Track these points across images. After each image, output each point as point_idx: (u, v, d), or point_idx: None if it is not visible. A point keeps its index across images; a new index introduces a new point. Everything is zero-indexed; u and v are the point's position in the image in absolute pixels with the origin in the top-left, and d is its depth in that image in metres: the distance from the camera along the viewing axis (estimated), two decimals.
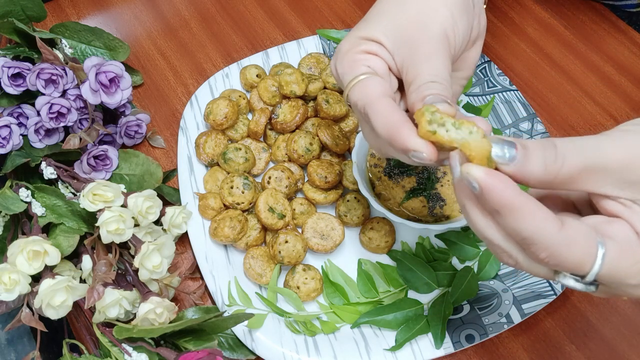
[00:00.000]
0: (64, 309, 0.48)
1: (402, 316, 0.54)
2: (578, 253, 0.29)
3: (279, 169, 0.60)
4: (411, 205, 0.59)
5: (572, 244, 0.29)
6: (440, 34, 0.38)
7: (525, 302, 0.55)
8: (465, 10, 0.40)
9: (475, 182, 0.29)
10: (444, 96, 0.35)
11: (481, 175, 0.29)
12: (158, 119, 0.68)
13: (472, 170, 0.29)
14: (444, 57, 0.37)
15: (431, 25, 0.38)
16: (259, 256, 0.57)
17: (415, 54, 0.37)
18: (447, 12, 0.38)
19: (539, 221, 0.29)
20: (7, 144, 0.55)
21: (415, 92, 0.36)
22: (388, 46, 0.39)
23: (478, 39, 0.43)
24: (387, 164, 0.61)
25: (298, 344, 0.53)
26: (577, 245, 0.29)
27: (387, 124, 0.35)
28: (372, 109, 0.36)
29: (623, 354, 0.55)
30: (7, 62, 0.54)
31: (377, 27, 0.39)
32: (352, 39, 0.40)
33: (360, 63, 0.38)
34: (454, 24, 0.39)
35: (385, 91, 0.37)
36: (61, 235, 0.52)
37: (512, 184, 0.29)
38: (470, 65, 0.44)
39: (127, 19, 0.76)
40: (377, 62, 0.39)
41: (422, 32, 0.38)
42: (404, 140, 0.33)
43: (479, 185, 0.29)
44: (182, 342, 0.50)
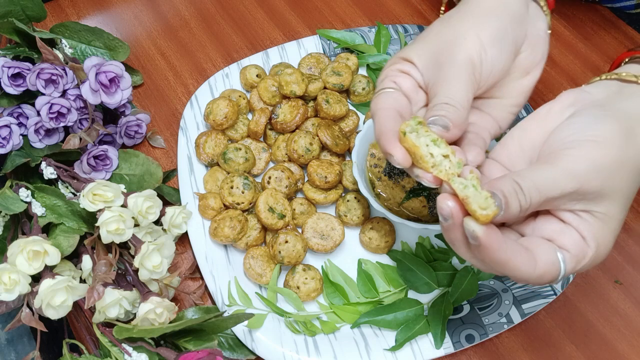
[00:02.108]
0: (64, 309, 0.48)
1: (402, 316, 0.54)
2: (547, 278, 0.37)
3: (279, 169, 0.60)
4: (411, 205, 0.59)
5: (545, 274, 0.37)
6: (464, 60, 0.41)
7: (525, 302, 0.55)
8: (500, 40, 0.42)
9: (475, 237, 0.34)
10: (448, 119, 0.39)
11: (482, 234, 0.34)
12: (158, 119, 0.68)
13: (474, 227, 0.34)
14: (463, 82, 0.41)
15: (457, 51, 0.41)
16: (259, 256, 0.57)
17: (439, 75, 0.41)
18: (475, 40, 0.42)
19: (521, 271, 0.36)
20: (7, 144, 0.55)
21: (429, 110, 0.40)
22: (419, 66, 0.43)
23: (534, 69, 0.45)
24: (387, 164, 0.61)
25: (298, 344, 0.53)
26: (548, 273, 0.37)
27: (379, 129, 0.40)
28: (375, 116, 0.41)
29: (623, 354, 0.55)
30: (7, 62, 0.54)
31: (414, 50, 0.44)
32: (394, 57, 0.45)
33: (389, 79, 0.44)
34: (482, 52, 0.41)
35: (392, 105, 0.41)
36: (61, 235, 0.52)
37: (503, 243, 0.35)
38: (521, 94, 0.46)
39: (127, 19, 0.76)
40: (405, 80, 0.43)
41: (448, 56, 0.41)
42: (385, 143, 0.39)
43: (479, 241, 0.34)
44: (182, 342, 0.50)
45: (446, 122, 0.39)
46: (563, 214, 0.39)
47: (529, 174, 0.37)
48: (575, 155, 0.37)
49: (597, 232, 0.38)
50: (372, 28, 0.71)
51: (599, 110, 0.40)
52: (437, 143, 0.37)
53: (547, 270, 0.37)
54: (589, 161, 0.37)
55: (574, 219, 0.38)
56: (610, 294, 0.58)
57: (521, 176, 0.36)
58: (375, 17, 0.76)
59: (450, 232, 0.37)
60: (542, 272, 0.37)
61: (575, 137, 0.38)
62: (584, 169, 0.37)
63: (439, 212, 0.36)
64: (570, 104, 0.42)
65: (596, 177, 0.37)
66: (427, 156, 0.37)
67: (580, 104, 0.41)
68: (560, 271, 0.37)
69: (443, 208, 0.36)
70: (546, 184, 0.36)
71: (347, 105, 0.65)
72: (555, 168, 0.37)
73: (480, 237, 0.34)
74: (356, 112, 0.66)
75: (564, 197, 0.37)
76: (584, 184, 0.37)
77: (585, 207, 0.38)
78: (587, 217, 0.38)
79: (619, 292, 0.58)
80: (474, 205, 0.35)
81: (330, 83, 0.65)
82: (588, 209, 0.38)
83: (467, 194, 0.35)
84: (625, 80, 0.42)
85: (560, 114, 0.42)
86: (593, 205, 0.38)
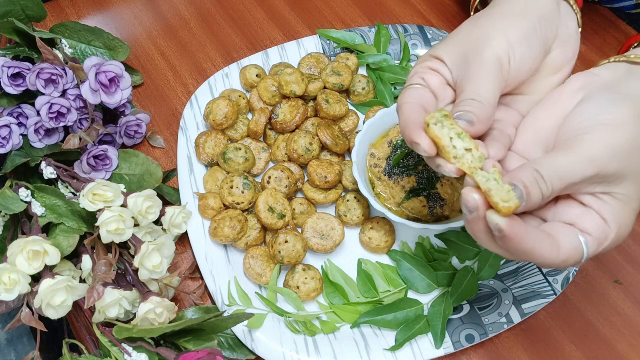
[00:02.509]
0: (64, 309, 0.48)
1: (402, 316, 0.54)
2: (571, 262, 0.38)
3: (279, 169, 0.60)
4: (411, 205, 0.59)
5: (569, 259, 0.38)
6: (492, 59, 0.42)
7: (525, 302, 0.55)
8: (528, 40, 0.43)
9: (499, 229, 0.35)
10: (474, 114, 0.40)
11: (506, 227, 0.35)
12: (158, 119, 0.68)
13: (497, 220, 0.35)
14: (490, 79, 0.41)
15: (485, 50, 0.42)
16: (259, 256, 0.57)
17: (467, 73, 0.42)
18: (503, 39, 0.42)
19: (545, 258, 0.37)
20: (7, 144, 0.55)
21: (456, 106, 0.41)
22: (449, 64, 0.44)
23: (565, 67, 0.46)
24: (387, 164, 0.61)
25: (298, 344, 0.53)
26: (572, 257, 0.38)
27: (404, 121, 0.42)
28: (400, 110, 0.43)
29: (623, 354, 0.55)
30: (7, 62, 0.54)
31: (444, 48, 0.45)
32: (425, 55, 0.46)
33: (418, 76, 0.45)
34: (510, 50, 0.42)
35: (417, 100, 0.43)
36: (61, 235, 0.52)
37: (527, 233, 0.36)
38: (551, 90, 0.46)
39: (127, 19, 0.76)
40: (433, 77, 0.45)
41: (476, 55, 0.42)
42: (410, 133, 0.40)
43: (503, 233, 0.35)
44: (182, 342, 0.50)
45: (471, 118, 0.39)
46: (584, 198, 0.39)
47: (548, 162, 0.37)
48: (593, 140, 0.38)
49: (618, 214, 0.39)
50: (372, 28, 0.71)
51: (610, 93, 0.41)
52: (462, 137, 0.38)
53: (570, 255, 0.38)
54: (606, 145, 0.38)
55: (594, 202, 0.39)
56: (610, 294, 0.58)
57: (541, 165, 0.37)
58: (375, 17, 0.76)
59: (475, 225, 0.37)
60: (566, 257, 0.37)
61: (590, 122, 0.39)
62: (602, 153, 0.37)
63: (464, 204, 0.37)
64: (580, 88, 0.43)
65: (614, 160, 0.37)
66: (449, 147, 0.38)
67: (590, 88, 0.42)
68: (584, 254, 0.38)
69: (469, 201, 0.36)
70: (567, 170, 0.37)
71: (347, 105, 0.65)
72: (574, 154, 0.38)
73: (504, 229, 0.35)
74: (356, 112, 0.66)
75: (585, 182, 0.38)
76: (603, 168, 0.37)
77: (605, 190, 0.38)
78: (607, 199, 0.39)
79: (619, 292, 0.58)
80: (497, 198, 0.35)
81: (330, 83, 0.65)
82: (608, 191, 0.38)
83: (490, 187, 0.36)
84: (633, 62, 0.43)
85: (571, 99, 0.42)
86: (613, 187, 0.38)
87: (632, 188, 0.39)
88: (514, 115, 0.45)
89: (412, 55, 0.70)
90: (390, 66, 0.68)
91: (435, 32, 0.71)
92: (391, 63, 0.69)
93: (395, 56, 0.70)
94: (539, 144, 0.43)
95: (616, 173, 0.38)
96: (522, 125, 0.44)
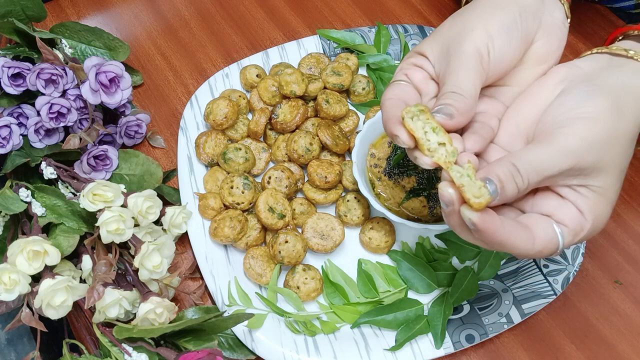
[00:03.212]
0: (64, 309, 0.48)
1: (402, 316, 0.54)
2: (546, 252, 0.39)
3: (279, 169, 0.60)
4: (411, 205, 0.59)
5: (544, 249, 0.39)
6: (471, 51, 0.42)
7: (525, 302, 0.55)
8: (508, 31, 0.43)
9: (472, 223, 0.36)
10: (453, 107, 0.40)
11: (478, 220, 0.36)
12: (158, 119, 0.68)
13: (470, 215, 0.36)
14: (470, 71, 0.42)
15: (464, 42, 0.43)
16: (259, 256, 0.57)
17: (447, 66, 0.43)
18: (482, 31, 0.43)
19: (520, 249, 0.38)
20: (7, 144, 0.55)
21: (437, 99, 0.42)
22: (432, 59, 0.45)
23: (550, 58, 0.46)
24: (387, 164, 0.61)
25: (298, 344, 0.53)
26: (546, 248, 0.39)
27: (385, 116, 0.42)
28: (383, 105, 0.43)
29: (623, 354, 0.55)
30: (7, 62, 0.54)
31: (427, 44, 0.46)
32: (410, 52, 0.47)
33: (402, 72, 0.46)
34: (489, 42, 0.43)
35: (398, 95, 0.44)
36: (61, 235, 0.52)
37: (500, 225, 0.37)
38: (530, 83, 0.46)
39: (127, 19, 0.76)
40: (416, 72, 0.46)
41: (456, 47, 0.43)
42: (390, 126, 0.41)
43: (476, 226, 0.36)
44: (182, 342, 0.50)
45: (451, 111, 0.40)
46: (561, 190, 0.40)
47: (525, 155, 0.38)
48: (569, 133, 0.39)
49: (594, 205, 0.39)
50: (372, 28, 0.71)
51: (589, 85, 0.41)
52: (436, 131, 0.39)
53: (545, 246, 0.39)
54: (582, 138, 0.38)
55: (571, 194, 0.40)
56: (610, 294, 0.58)
57: (518, 158, 0.38)
58: (375, 17, 0.76)
59: (451, 218, 0.39)
60: (541, 248, 0.38)
61: (567, 116, 0.40)
62: (579, 146, 0.38)
63: (440, 198, 0.38)
64: (561, 80, 0.43)
65: (591, 152, 0.38)
66: (423, 140, 0.39)
67: (570, 79, 0.43)
68: (559, 245, 0.39)
69: (444, 195, 0.37)
70: (543, 163, 0.38)
71: (347, 105, 0.65)
72: (550, 147, 0.39)
73: (476, 223, 0.36)
74: (356, 112, 0.66)
75: (561, 174, 0.38)
76: (580, 161, 0.38)
77: (582, 182, 0.39)
78: (584, 191, 0.39)
79: (619, 292, 0.58)
80: (469, 194, 0.36)
81: (330, 83, 0.65)
82: (585, 183, 0.39)
83: (463, 183, 0.37)
84: (615, 53, 0.43)
85: (552, 90, 0.43)
86: (589, 180, 0.39)
87: (608, 180, 0.39)
88: (497, 107, 0.45)
89: None
90: (390, 66, 0.68)
91: None
92: (391, 63, 0.69)
93: (395, 56, 0.70)
94: (520, 135, 0.43)
95: (592, 165, 0.38)
96: (504, 117, 0.45)
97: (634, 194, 0.63)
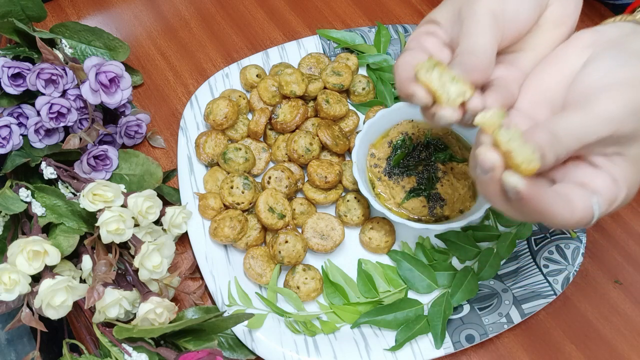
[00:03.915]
0: (64, 309, 0.48)
1: (402, 316, 0.54)
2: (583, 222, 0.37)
3: (279, 169, 0.60)
4: (411, 205, 0.59)
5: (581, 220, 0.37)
6: (484, 10, 0.41)
7: (525, 302, 0.55)
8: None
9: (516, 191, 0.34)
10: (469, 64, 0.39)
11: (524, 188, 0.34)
12: (158, 119, 0.68)
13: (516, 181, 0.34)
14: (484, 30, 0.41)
15: (477, 4, 0.42)
16: (259, 256, 0.57)
17: (461, 29, 0.42)
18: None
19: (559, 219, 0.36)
20: (7, 144, 0.55)
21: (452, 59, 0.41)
22: (444, 25, 0.44)
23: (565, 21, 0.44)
24: (387, 164, 0.61)
25: (298, 344, 0.53)
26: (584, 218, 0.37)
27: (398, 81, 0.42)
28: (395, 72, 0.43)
29: (623, 354, 0.55)
30: (7, 62, 0.54)
31: (439, 11, 0.45)
32: (422, 21, 0.47)
33: (415, 40, 0.45)
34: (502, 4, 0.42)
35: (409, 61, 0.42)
36: (61, 235, 0.52)
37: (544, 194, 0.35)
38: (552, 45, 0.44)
39: (127, 19, 0.76)
40: (428, 39, 0.45)
41: (469, 10, 0.42)
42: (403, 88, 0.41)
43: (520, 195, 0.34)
44: (182, 342, 0.50)
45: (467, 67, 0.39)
46: (595, 158, 0.39)
47: (563, 121, 0.37)
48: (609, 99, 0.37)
49: (628, 174, 0.38)
50: (372, 28, 0.71)
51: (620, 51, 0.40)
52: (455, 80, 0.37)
53: (583, 216, 0.37)
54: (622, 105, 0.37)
55: (605, 163, 0.38)
56: (610, 294, 0.58)
57: (556, 124, 0.36)
58: (375, 17, 0.76)
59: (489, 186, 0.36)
60: (579, 218, 0.37)
61: (603, 82, 0.38)
62: (619, 112, 0.37)
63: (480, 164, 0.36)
64: (587, 45, 0.41)
65: (631, 119, 0.37)
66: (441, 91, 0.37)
67: (598, 44, 0.41)
68: (594, 215, 0.38)
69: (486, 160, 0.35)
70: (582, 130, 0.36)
71: (347, 105, 0.65)
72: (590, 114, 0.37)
73: (522, 190, 0.34)
74: (356, 112, 0.66)
75: (600, 142, 0.37)
76: (619, 128, 0.36)
77: (617, 150, 0.38)
78: (618, 160, 0.38)
79: (619, 292, 0.58)
80: (520, 158, 0.34)
81: (330, 83, 0.65)
82: (620, 151, 0.38)
83: (512, 147, 0.34)
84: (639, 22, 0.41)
85: (578, 56, 0.41)
86: (625, 148, 0.38)
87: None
88: (515, 73, 0.44)
89: None
90: (390, 66, 0.68)
91: None
92: (391, 63, 0.69)
93: (395, 56, 0.70)
94: (546, 102, 0.41)
95: (631, 133, 0.37)
96: (526, 83, 0.43)
97: None
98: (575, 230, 0.58)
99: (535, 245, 0.58)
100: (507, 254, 0.58)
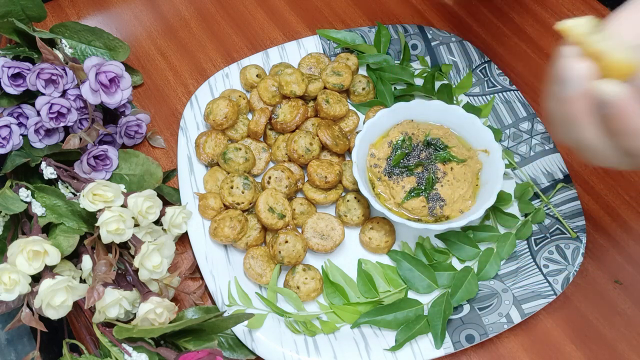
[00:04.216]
0: (64, 309, 0.48)
1: (402, 316, 0.54)
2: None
3: (279, 169, 0.60)
4: (411, 205, 0.59)
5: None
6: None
7: (525, 302, 0.55)
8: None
9: (610, 99, 0.28)
10: None
11: (622, 93, 0.28)
12: (158, 119, 0.68)
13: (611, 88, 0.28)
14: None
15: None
16: (259, 256, 0.57)
17: None
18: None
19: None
20: (7, 144, 0.55)
21: None
22: None
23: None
24: (387, 164, 0.61)
25: (298, 344, 0.53)
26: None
27: None
28: None
29: (623, 354, 0.55)
30: (7, 62, 0.54)
31: None
32: None
33: None
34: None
35: None
36: (61, 235, 0.52)
37: None
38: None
39: (127, 19, 0.76)
40: None
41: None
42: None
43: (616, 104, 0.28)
44: (182, 342, 0.50)
45: None
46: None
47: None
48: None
49: None
50: (372, 28, 0.71)
51: None
52: None
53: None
54: None
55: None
56: (610, 294, 0.58)
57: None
58: (375, 17, 0.76)
59: (576, 105, 0.31)
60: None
61: None
62: None
63: (567, 76, 0.31)
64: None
65: None
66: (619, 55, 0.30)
67: None
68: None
69: (573, 69, 0.30)
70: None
71: (347, 105, 0.65)
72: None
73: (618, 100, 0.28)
74: (356, 112, 0.66)
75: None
76: None
77: None
78: None
79: (619, 292, 0.58)
80: (615, 55, 0.29)
81: (330, 83, 0.65)
82: None
83: (605, 46, 0.30)
84: None
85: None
86: None
87: None
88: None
89: (412, 55, 0.70)
90: (390, 66, 0.68)
91: (435, 32, 0.71)
92: (391, 63, 0.69)
93: (395, 56, 0.70)
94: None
95: None
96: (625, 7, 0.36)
97: (634, 193, 0.63)
98: (575, 230, 0.58)
99: (535, 245, 0.58)
100: (507, 254, 0.58)
